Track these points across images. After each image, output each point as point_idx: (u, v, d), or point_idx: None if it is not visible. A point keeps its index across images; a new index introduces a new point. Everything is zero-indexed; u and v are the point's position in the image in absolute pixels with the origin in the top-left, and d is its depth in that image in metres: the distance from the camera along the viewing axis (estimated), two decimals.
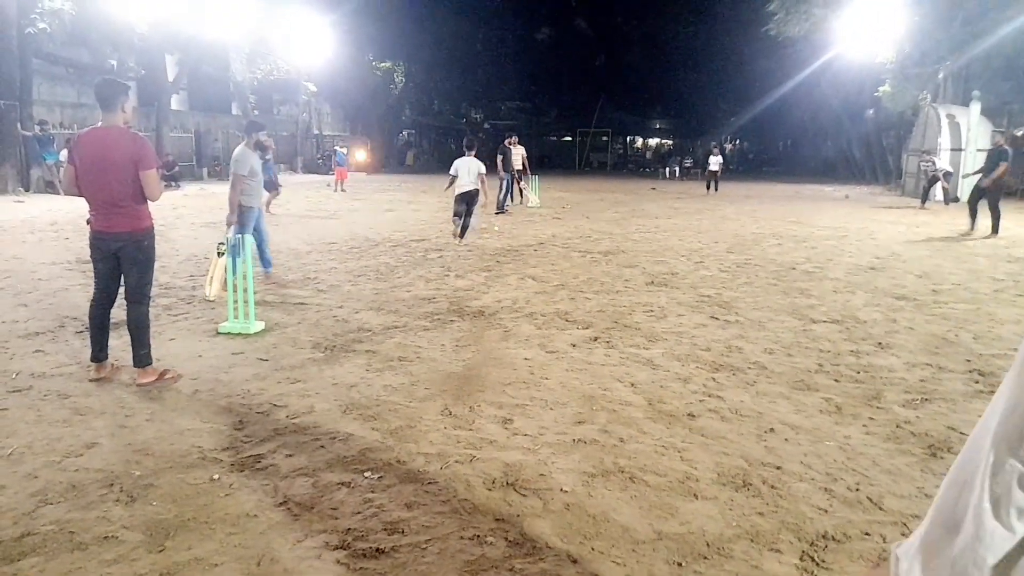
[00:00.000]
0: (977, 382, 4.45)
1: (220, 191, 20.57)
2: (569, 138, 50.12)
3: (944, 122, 20.91)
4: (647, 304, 6.64)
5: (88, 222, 4.21)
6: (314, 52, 28.04)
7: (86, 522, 2.65)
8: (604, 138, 49.38)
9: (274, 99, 33.43)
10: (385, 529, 2.63)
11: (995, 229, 11.88)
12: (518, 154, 17.05)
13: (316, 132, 35.07)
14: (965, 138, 20.73)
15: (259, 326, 5.51)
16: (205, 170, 26.55)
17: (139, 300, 4.26)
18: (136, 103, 4.32)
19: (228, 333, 5.39)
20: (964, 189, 20.85)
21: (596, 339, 5.41)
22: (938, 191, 18.70)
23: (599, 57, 44.81)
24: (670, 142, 54.05)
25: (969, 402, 4.10)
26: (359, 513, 2.74)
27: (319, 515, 2.73)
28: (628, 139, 54.52)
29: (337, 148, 24.98)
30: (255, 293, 5.71)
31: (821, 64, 27.56)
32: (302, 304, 6.50)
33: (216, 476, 3.04)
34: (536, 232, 12.21)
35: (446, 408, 3.91)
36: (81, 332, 5.36)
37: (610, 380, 4.44)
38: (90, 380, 4.28)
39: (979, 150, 20.94)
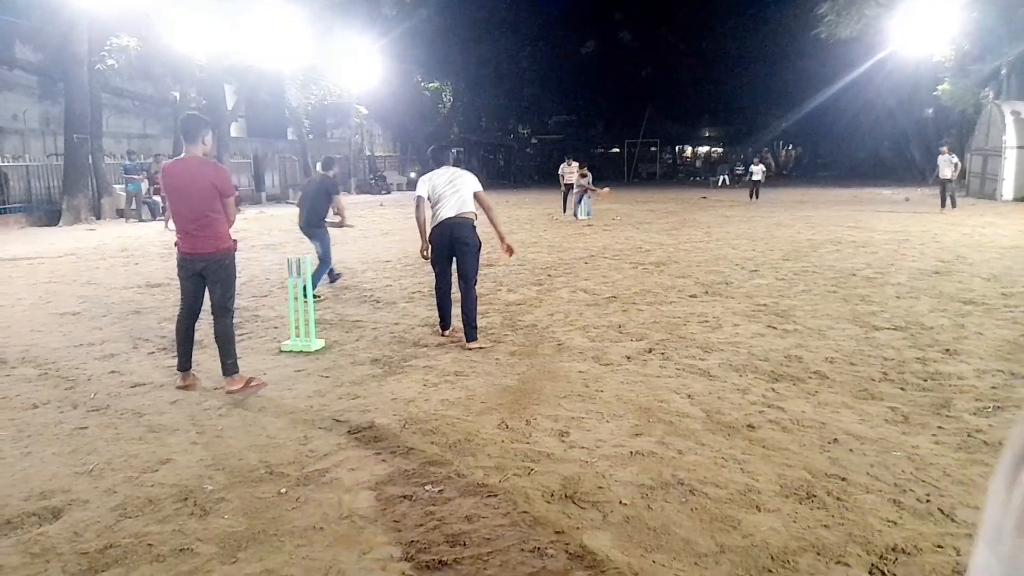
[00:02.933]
0: None
1: (279, 214, 21.23)
2: (617, 149, 50.02)
3: (1009, 119, 20.11)
4: (701, 314, 6.57)
5: (176, 244, 4.60)
6: (364, 76, 28.75)
7: (163, 535, 2.77)
8: (652, 148, 49.13)
9: (327, 123, 34.37)
10: (447, 541, 2.67)
11: None
12: (573, 170, 18.25)
13: (368, 153, 35.87)
14: None
15: (319, 344, 5.66)
16: (263, 194, 27.41)
17: (224, 314, 4.59)
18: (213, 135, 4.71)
19: (290, 351, 5.56)
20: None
21: (651, 351, 5.38)
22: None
23: (645, 68, 44.67)
24: (720, 149, 53.36)
25: None
26: (421, 525, 2.80)
27: (383, 527, 2.80)
28: (677, 148, 54.08)
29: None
30: (315, 312, 5.88)
31: (874, 64, 26.88)
32: (359, 322, 6.65)
33: (283, 490, 3.14)
34: (587, 244, 12.20)
35: (503, 421, 3.94)
36: (153, 353, 5.61)
37: (666, 392, 4.41)
38: (177, 387, 4.64)
39: None
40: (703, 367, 4.92)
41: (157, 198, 18.08)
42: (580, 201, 17.32)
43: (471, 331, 5.57)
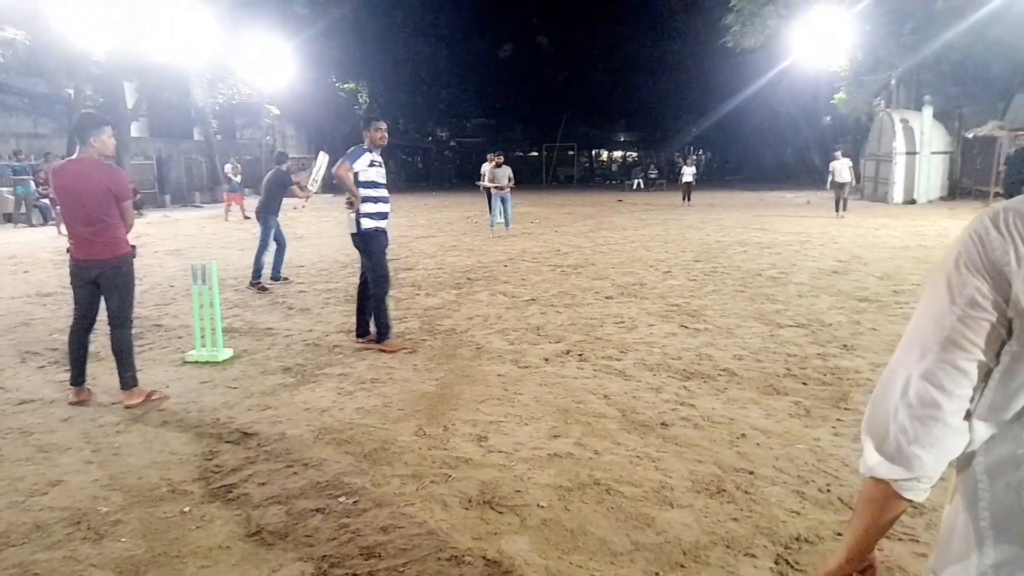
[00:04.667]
0: None
1: (184, 217, 20.34)
2: (535, 153, 50.50)
3: (899, 127, 21.50)
4: (617, 315, 6.69)
5: (68, 251, 4.33)
6: (276, 75, 27.90)
7: (52, 563, 2.58)
8: (570, 152, 49.88)
9: (236, 123, 33.16)
10: (362, 554, 2.60)
11: None
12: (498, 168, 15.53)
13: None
14: (919, 141, 21.34)
15: (227, 353, 5.43)
16: (167, 196, 26.18)
17: (121, 324, 4.36)
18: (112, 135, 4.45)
19: (196, 362, 5.31)
20: (919, 192, 21.43)
21: (568, 352, 5.43)
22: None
23: (561, 73, 45.30)
24: (635, 154, 54.73)
25: None
26: (335, 539, 2.71)
27: (294, 543, 2.69)
28: (594, 152, 55.11)
29: (227, 170, 20.22)
30: (223, 320, 5.64)
31: (778, 73, 28.21)
32: (271, 330, 6.43)
33: (187, 509, 2.98)
34: (506, 248, 12.24)
35: (420, 428, 3.89)
36: (43, 367, 5.24)
37: (583, 393, 4.46)
38: (70, 403, 4.37)
39: (933, 152, 21.58)
40: (619, 367, 5.01)
41: (47, 200, 16.97)
42: (504, 204, 14.97)
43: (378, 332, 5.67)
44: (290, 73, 28.61)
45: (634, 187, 35.38)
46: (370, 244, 5.54)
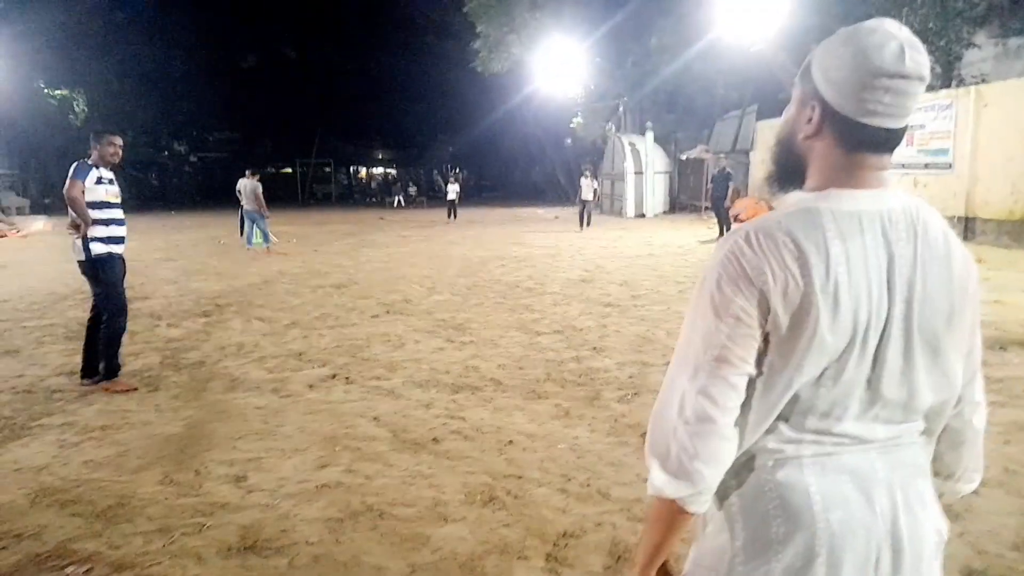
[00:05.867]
0: None
1: None
2: (289, 170, 48.46)
3: (627, 149, 24.11)
4: (384, 334, 6.60)
5: None
6: None
7: None
8: (327, 169, 48.61)
9: None
10: None
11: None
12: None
13: None
14: (645, 162, 24.10)
15: None
16: None
17: None
18: None
19: None
20: (647, 207, 24.16)
21: (334, 376, 5.23)
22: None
23: (312, 86, 43.97)
24: (394, 171, 54.95)
25: None
26: None
27: None
28: (352, 169, 54.30)
29: None
30: None
31: (524, 97, 30.13)
32: None
33: None
34: (260, 269, 11.52)
35: (167, 476, 3.46)
36: None
37: (352, 417, 4.31)
38: None
39: (656, 172, 24.50)
40: (388, 387, 4.93)
41: None
42: (254, 224, 14.49)
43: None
44: None
45: (395, 204, 35.48)
46: (102, 272, 4.90)
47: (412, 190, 38.22)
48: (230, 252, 14.37)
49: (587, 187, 18.82)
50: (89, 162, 4.96)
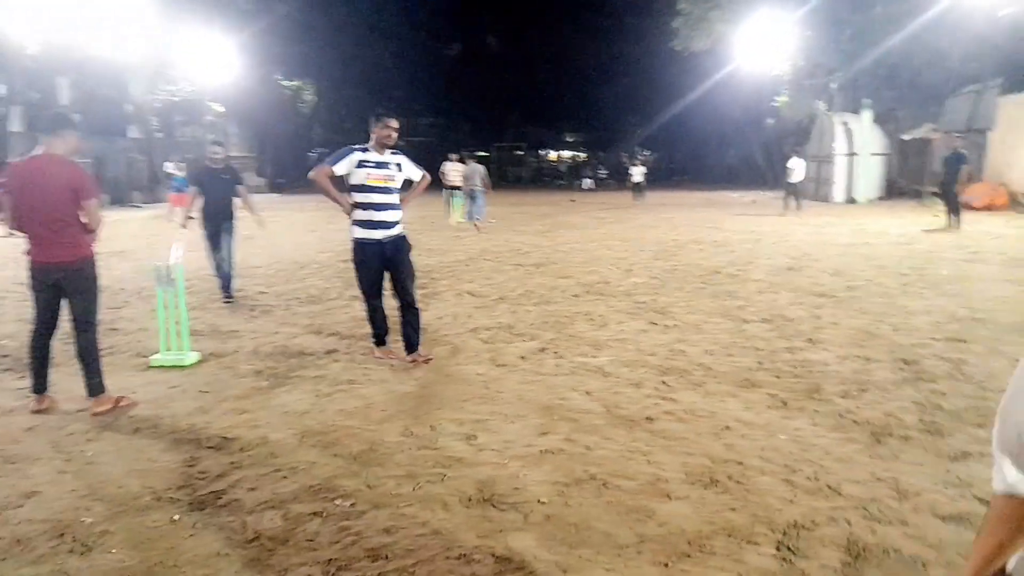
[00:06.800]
0: (903, 370, 4.74)
1: (124, 218, 19.59)
2: (485, 153, 50.51)
3: (839, 129, 22.29)
4: (587, 313, 6.75)
5: (27, 253, 4.10)
6: (218, 72, 27.16)
7: None
8: (519, 152, 50.07)
9: (175, 120, 32.10)
10: (368, 556, 2.56)
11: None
12: (457, 169, 17.34)
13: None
14: (859, 143, 22.16)
15: (194, 357, 5.26)
16: (107, 197, 25.17)
17: (87, 328, 4.19)
18: (75, 133, 4.27)
19: (161, 366, 5.13)
20: (858, 192, 22.23)
21: (544, 350, 5.45)
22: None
23: (510, 73, 45.37)
24: (583, 154, 55.28)
25: (900, 389, 4.36)
26: (337, 543, 2.66)
27: (295, 548, 2.63)
28: (543, 152, 55.43)
29: (169, 168, 18.96)
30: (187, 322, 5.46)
31: (723, 76, 28.90)
32: (235, 332, 6.26)
33: (177, 517, 2.88)
34: (465, 247, 12.21)
35: (407, 428, 3.84)
36: None
37: (565, 390, 4.48)
38: (32, 411, 4.16)
39: (873, 154, 22.44)
40: (596, 364, 5.05)
41: None
42: (475, 201, 16.00)
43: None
44: (233, 70, 27.92)
45: (584, 187, 35.73)
46: (353, 256, 5.08)
47: (603, 172, 38.19)
48: (439, 230, 15.35)
49: (799, 168, 17.69)
50: (362, 146, 4.98)
